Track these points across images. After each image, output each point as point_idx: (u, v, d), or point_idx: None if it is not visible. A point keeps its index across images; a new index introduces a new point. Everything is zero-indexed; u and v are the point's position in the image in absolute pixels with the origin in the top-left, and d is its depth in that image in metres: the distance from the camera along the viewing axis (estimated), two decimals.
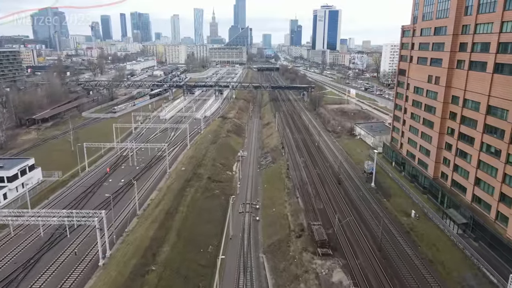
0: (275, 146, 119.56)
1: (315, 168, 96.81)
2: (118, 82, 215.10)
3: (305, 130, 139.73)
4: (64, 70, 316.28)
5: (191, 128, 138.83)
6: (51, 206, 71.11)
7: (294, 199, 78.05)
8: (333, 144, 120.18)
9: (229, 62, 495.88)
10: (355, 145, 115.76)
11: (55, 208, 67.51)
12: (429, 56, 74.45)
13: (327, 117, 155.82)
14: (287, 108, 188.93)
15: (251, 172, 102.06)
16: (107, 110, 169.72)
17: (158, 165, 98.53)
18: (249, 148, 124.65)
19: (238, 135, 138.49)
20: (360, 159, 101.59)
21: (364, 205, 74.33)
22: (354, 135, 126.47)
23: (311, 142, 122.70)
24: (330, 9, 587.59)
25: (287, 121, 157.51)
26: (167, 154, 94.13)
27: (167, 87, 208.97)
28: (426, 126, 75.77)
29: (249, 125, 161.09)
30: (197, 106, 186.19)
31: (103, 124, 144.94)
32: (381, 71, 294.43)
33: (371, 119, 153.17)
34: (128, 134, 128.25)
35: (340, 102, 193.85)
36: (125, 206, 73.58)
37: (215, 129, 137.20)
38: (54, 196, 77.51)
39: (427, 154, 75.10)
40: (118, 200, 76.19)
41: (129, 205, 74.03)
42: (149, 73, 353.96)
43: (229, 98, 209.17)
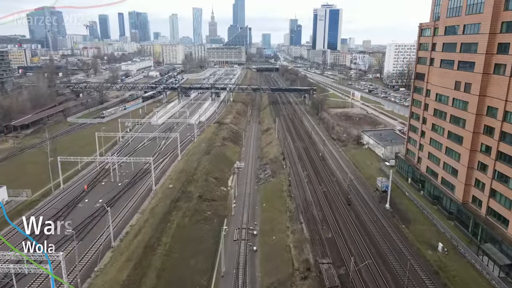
0: (275, 157, 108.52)
1: (320, 185, 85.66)
2: (110, 84, 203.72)
3: (307, 138, 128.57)
4: (56, 70, 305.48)
5: (183, 135, 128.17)
6: (9, 237, 59.95)
7: (298, 225, 67.01)
8: (338, 155, 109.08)
9: (228, 62, 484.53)
10: (364, 156, 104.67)
11: (13, 240, 56.56)
12: (457, 59, 63.37)
13: (330, 122, 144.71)
14: (287, 111, 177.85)
15: (248, 187, 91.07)
16: (96, 115, 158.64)
17: (143, 181, 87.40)
18: (246, 158, 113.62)
19: (235, 143, 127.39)
20: (371, 174, 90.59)
21: (381, 234, 63.23)
22: (361, 144, 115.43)
23: (315, 152, 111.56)
24: (330, 8, 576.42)
25: (288, 127, 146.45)
26: (153, 169, 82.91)
27: (161, 90, 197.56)
28: (452, 140, 64.71)
29: (247, 131, 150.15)
30: (192, 110, 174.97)
31: (89, 130, 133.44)
32: (385, 72, 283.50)
33: (378, 125, 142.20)
34: (114, 143, 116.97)
35: (343, 106, 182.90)
36: (99, 235, 62.28)
37: (209, 136, 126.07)
38: (17, 222, 66.26)
39: (454, 173, 64.05)
40: (92, 226, 65.09)
41: (105, 233, 62.83)
42: (144, 73, 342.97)
43: (226, 101, 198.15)
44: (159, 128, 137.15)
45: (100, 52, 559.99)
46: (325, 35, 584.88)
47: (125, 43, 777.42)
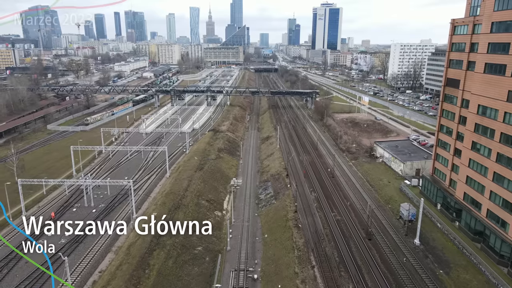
0: (277, 172, 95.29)
1: (333, 211, 72.40)
2: (98, 86, 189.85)
3: (313, 149, 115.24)
4: (45, 71, 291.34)
5: (174, 146, 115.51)
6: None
7: (309, 270, 53.77)
8: (349, 170, 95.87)
9: (225, 62, 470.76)
10: (379, 172, 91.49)
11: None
12: (511, 63, 50.22)
13: (337, 130, 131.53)
14: (289, 117, 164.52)
15: (247, 211, 78.15)
16: (80, 121, 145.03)
17: (123, 205, 73.89)
18: (244, 173, 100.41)
19: (231, 154, 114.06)
20: (390, 196, 77.44)
21: (414, 284, 50.08)
22: (374, 156, 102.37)
23: (323, 167, 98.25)
24: (330, 7, 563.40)
25: (290, 135, 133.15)
26: (133, 194, 69.34)
27: (153, 93, 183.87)
28: (504, 165, 51.57)
29: (246, 139, 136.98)
30: (185, 115, 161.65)
31: (70, 140, 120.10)
32: (389, 73, 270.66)
33: (389, 133, 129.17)
34: (94, 157, 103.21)
35: (349, 111, 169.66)
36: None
37: (203, 147, 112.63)
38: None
39: (507, 207, 50.93)
40: (46, 279, 51.40)
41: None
42: (138, 74, 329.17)
43: (223, 104, 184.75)
44: (147, 138, 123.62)
45: (94, 52, 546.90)
46: (325, 35, 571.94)
47: (121, 42, 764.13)
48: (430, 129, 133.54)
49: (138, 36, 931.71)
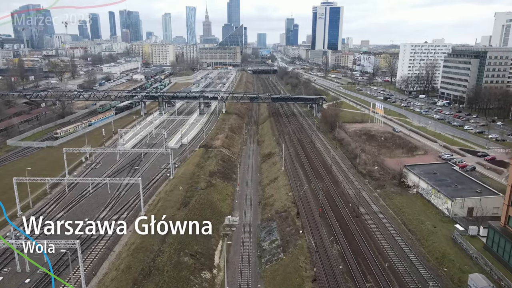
0: (284, 207, 74.43)
1: (367, 279, 51.29)
2: (76, 91, 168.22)
3: (326, 172, 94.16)
4: (27, 74, 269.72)
5: (156, 168, 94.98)
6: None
7: None
8: (376, 204, 74.96)
9: (222, 63, 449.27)
10: (416, 210, 70.62)
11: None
12: None
13: (352, 146, 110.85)
14: (293, 128, 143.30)
15: (246, 267, 58.07)
16: (50, 134, 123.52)
17: (72, 268, 52.80)
18: (242, 206, 79.53)
19: (226, 178, 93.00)
20: (441, 250, 56.51)
21: None
22: (405, 185, 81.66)
23: (342, 200, 77.11)
24: (331, 5, 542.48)
25: (297, 152, 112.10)
26: (81, 261, 47.98)
27: (139, 99, 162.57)
28: None
29: (244, 155, 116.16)
30: (174, 127, 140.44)
31: (30, 160, 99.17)
32: (399, 76, 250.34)
33: (415, 150, 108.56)
34: (46, 191, 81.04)
35: (362, 120, 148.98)
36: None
37: (192, 170, 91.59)
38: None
39: None
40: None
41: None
42: (129, 77, 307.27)
43: (218, 112, 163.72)
44: (123, 159, 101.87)
45: (86, 52, 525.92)
46: (325, 35, 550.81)
47: (115, 43, 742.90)
48: (462, 145, 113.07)
49: (133, 36, 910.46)
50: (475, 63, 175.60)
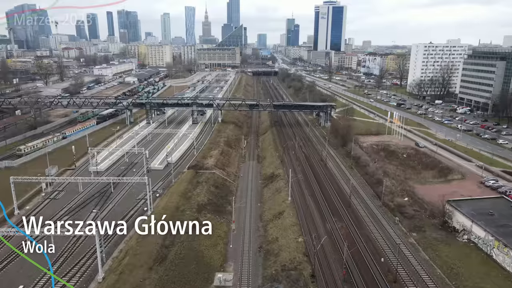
0: (294, 264, 55.56)
1: None
2: (54, 97, 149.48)
3: (344, 206, 75.09)
4: (12, 76, 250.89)
5: (132, 199, 76.12)
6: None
7: None
8: (416, 258, 56.01)
9: (221, 65, 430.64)
10: (473, 269, 51.94)
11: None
12: None
13: (371, 167, 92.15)
14: (298, 140, 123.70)
15: None
16: (13, 151, 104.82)
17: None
18: (238, 255, 60.58)
19: (218, 212, 74.13)
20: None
21: None
22: (450, 227, 62.97)
23: (369, 252, 58.12)
24: (334, 5, 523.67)
25: (305, 176, 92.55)
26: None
27: (124, 107, 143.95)
28: None
29: (241, 177, 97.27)
30: (160, 141, 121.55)
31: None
32: (410, 79, 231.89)
33: (448, 172, 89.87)
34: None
35: (377, 132, 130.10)
36: None
37: (176, 203, 72.96)
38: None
39: None
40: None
41: None
42: (121, 79, 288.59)
43: (213, 121, 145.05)
44: (90, 187, 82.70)
45: (82, 53, 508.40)
46: (328, 35, 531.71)
47: (111, 43, 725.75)
48: (503, 166, 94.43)
49: (132, 37, 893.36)
50: (501, 66, 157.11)
